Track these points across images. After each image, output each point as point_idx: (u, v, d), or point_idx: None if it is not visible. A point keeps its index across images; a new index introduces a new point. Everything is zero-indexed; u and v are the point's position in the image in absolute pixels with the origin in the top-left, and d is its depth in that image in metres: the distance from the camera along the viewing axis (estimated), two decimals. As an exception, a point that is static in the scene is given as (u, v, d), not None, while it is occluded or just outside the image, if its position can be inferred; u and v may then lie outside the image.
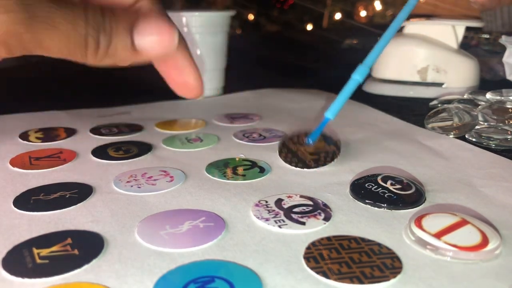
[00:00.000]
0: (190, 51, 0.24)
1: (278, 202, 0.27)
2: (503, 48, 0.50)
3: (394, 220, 0.25)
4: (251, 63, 0.82)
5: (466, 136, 0.38)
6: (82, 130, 0.42)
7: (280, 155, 0.33)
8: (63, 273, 0.20)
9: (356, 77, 0.32)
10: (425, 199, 0.27)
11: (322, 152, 0.33)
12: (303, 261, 0.21)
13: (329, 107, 0.32)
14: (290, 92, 0.57)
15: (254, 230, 0.24)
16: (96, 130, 0.42)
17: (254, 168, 0.32)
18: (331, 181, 0.30)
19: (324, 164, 0.32)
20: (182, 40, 0.23)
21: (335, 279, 0.19)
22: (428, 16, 0.62)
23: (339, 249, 0.22)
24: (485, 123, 0.39)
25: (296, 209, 0.26)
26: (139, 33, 0.21)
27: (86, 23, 0.19)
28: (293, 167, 0.32)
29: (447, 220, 0.23)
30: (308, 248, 0.22)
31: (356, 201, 0.27)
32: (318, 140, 0.34)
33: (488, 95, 0.44)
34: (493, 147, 0.36)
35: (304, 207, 0.26)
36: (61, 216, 0.26)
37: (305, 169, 0.32)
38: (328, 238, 0.23)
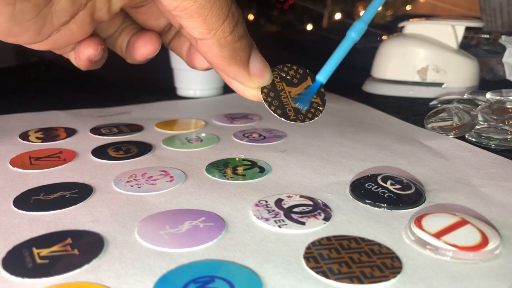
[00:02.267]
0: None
1: (278, 202, 0.27)
2: (503, 48, 0.50)
3: (394, 220, 0.25)
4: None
5: (466, 136, 0.38)
6: (82, 130, 0.42)
7: (262, 89, 0.26)
8: (63, 273, 0.20)
9: (352, 35, 0.28)
10: (425, 199, 0.27)
11: None
12: (303, 261, 0.21)
13: (321, 69, 0.28)
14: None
15: (254, 230, 0.24)
16: (96, 130, 0.42)
17: (254, 168, 0.32)
18: (331, 181, 0.30)
19: (304, 120, 0.27)
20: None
21: (335, 279, 0.19)
22: (428, 16, 0.62)
23: (339, 249, 0.22)
24: (485, 123, 0.39)
25: (296, 209, 0.26)
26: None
27: None
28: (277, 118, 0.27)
29: (447, 220, 0.23)
30: (308, 248, 0.22)
31: (356, 201, 0.27)
32: (306, 87, 0.28)
33: (488, 95, 0.44)
34: (493, 147, 0.36)
35: (304, 207, 0.26)
36: (61, 216, 0.26)
37: (283, 119, 0.27)
38: (328, 238, 0.23)
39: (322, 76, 0.28)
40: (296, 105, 0.27)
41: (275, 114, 0.26)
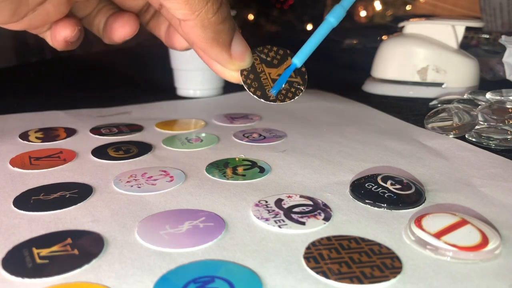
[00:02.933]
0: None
1: (278, 202, 0.27)
2: (503, 48, 0.50)
3: (394, 220, 0.25)
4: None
5: (466, 136, 0.38)
6: (82, 130, 0.42)
7: (241, 71, 0.26)
8: (63, 273, 0.20)
9: (330, 19, 0.27)
10: (425, 199, 0.27)
11: (286, 82, 0.27)
12: (303, 261, 0.21)
13: (297, 53, 0.27)
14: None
15: (254, 230, 0.24)
16: (96, 130, 0.42)
17: (254, 168, 0.32)
18: (331, 181, 0.30)
19: (284, 100, 0.26)
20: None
21: (335, 279, 0.19)
22: (428, 16, 0.62)
23: (339, 249, 0.22)
24: (485, 123, 0.39)
25: (296, 209, 0.26)
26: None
27: None
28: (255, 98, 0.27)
29: (447, 220, 0.23)
30: (308, 248, 0.22)
31: (356, 201, 0.27)
32: (286, 66, 0.27)
33: (488, 95, 0.44)
34: (493, 147, 0.36)
35: (304, 207, 0.26)
36: (61, 216, 0.26)
37: (262, 100, 0.26)
38: (328, 238, 0.23)
39: (298, 59, 0.27)
40: (280, 72, 0.27)
41: (255, 96, 0.26)
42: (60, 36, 0.25)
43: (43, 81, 0.72)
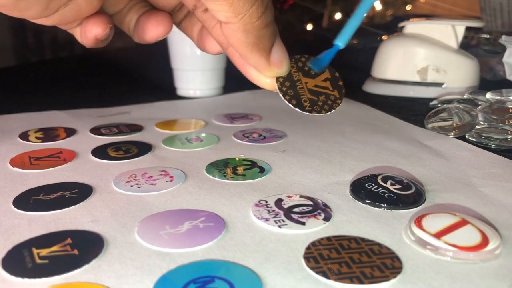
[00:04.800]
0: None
1: (278, 202, 0.27)
2: (503, 48, 0.50)
3: (394, 220, 0.25)
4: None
5: (466, 136, 0.38)
6: (82, 130, 0.42)
7: (277, 78, 0.25)
8: (63, 273, 0.20)
9: None
10: (425, 199, 0.27)
11: (322, 94, 0.26)
12: (303, 261, 0.21)
13: (339, 34, 0.26)
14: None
15: (254, 230, 0.24)
16: (96, 130, 0.42)
17: (254, 168, 0.32)
18: (331, 181, 0.30)
19: (320, 112, 0.25)
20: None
21: (335, 279, 0.19)
22: (428, 16, 0.62)
23: (339, 249, 0.22)
24: (485, 123, 0.39)
25: (296, 209, 0.26)
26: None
27: None
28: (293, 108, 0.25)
29: (447, 220, 0.23)
30: (308, 248, 0.22)
31: (356, 201, 0.27)
32: (323, 79, 0.27)
33: (488, 95, 0.44)
34: (493, 147, 0.36)
35: (304, 207, 0.26)
36: (61, 216, 0.26)
37: (297, 110, 0.25)
38: (328, 238, 0.23)
39: (341, 41, 0.26)
40: (317, 82, 0.26)
41: (290, 104, 0.25)
42: (91, 34, 0.24)
43: (43, 81, 0.72)
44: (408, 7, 1.45)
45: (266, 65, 0.24)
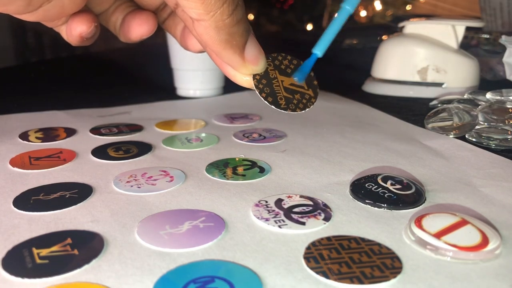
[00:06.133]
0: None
1: (278, 202, 0.27)
2: (503, 48, 0.50)
3: (394, 220, 0.25)
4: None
5: (466, 136, 0.38)
6: (82, 130, 0.42)
7: (254, 76, 0.26)
8: (63, 273, 0.20)
9: (347, 7, 0.28)
10: (425, 199, 0.27)
11: (298, 93, 0.27)
12: (303, 261, 0.21)
13: (317, 43, 0.27)
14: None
15: (254, 230, 0.24)
16: (96, 130, 0.42)
17: (254, 168, 0.32)
18: (331, 181, 0.30)
19: (294, 110, 0.26)
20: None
21: (335, 279, 0.19)
22: (428, 16, 0.62)
23: (339, 249, 0.22)
24: (485, 123, 0.39)
25: (296, 209, 0.26)
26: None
27: None
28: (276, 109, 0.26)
29: (447, 220, 0.23)
30: (308, 248, 0.22)
31: (356, 201, 0.27)
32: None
33: (488, 95, 0.44)
34: (493, 147, 0.36)
35: (304, 207, 0.26)
36: (61, 216, 0.26)
37: (273, 107, 0.26)
38: (328, 238, 0.23)
39: (319, 49, 0.27)
40: (293, 81, 0.27)
41: (266, 102, 0.26)
42: (76, 32, 0.24)
43: (43, 81, 0.72)
44: (408, 7, 1.45)
45: (241, 62, 0.24)
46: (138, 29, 0.26)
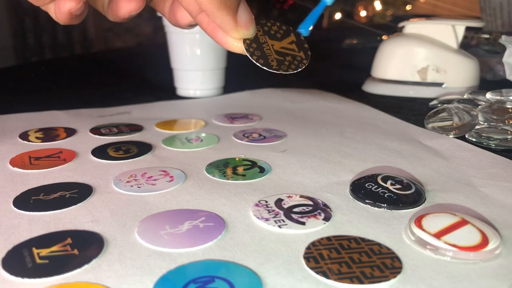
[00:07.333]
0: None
1: (278, 202, 0.27)
2: (503, 48, 0.50)
3: (394, 220, 0.25)
4: (251, 63, 0.82)
5: (466, 136, 0.38)
6: (82, 130, 0.42)
7: (244, 41, 0.27)
8: (63, 273, 0.20)
9: None
10: (425, 199, 0.27)
11: (289, 55, 0.27)
12: (303, 261, 0.21)
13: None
14: (290, 92, 0.57)
15: (254, 230, 0.24)
16: (96, 130, 0.42)
17: (254, 168, 0.32)
18: (331, 181, 0.30)
19: (287, 70, 0.27)
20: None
21: (335, 279, 0.19)
22: (428, 16, 0.62)
23: (339, 249, 0.22)
24: (485, 123, 0.39)
25: (296, 209, 0.26)
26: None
27: None
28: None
29: (447, 220, 0.23)
30: (308, 248, 0.22)
31: (356, 201, 0.27)
32: (289, 41, 0.28)
33: (488, 95, 0.44)
34: (493, 147, 0.36)
35: (304, 207, 0.26)
36: (61, 216, 0.26)
37: (265, 68, 0.26)
38: (328, 238, 0.23)
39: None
40: (283, 44, 0.28)
41: (258, 64, 0.26)
42: (65, 8, 0.24)
43: (43, 81, 0.72)
44: (408, 7, 1.45)
45: (233, 25, 0.25)
46: (127, 5, 0.26)
